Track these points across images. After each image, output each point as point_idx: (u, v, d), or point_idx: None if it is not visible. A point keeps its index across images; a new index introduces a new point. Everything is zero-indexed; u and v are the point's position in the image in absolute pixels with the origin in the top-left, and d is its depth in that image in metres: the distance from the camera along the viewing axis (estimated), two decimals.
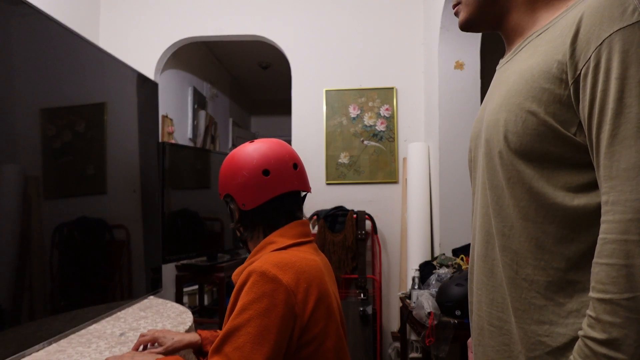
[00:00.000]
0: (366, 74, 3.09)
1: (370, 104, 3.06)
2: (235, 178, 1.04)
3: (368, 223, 2.96)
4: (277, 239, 1.02)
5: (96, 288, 1.64)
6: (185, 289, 3.53)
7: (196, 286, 3.68)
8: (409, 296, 2.30)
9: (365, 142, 3.05)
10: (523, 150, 0.68)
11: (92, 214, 1.63)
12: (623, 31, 0.59)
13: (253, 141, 1.09)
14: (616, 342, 0.56)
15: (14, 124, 1.25)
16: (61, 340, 1.35)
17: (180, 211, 2.69)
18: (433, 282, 2.14)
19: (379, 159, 3.04)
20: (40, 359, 1.20)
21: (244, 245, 1.12)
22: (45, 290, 1.36)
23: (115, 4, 3.21)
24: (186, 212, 2.74)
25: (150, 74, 3.13)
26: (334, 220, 2.88)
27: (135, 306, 1.80)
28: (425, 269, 2.33)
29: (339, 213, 2.89)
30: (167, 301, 1.90)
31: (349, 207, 2.95)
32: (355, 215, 2.86)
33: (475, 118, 0.86)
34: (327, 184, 3.06)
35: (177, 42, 3.23)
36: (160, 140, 2.86)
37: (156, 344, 1.13)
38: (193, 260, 2.82)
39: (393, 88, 3.06)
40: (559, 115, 0.65)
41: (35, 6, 1.33)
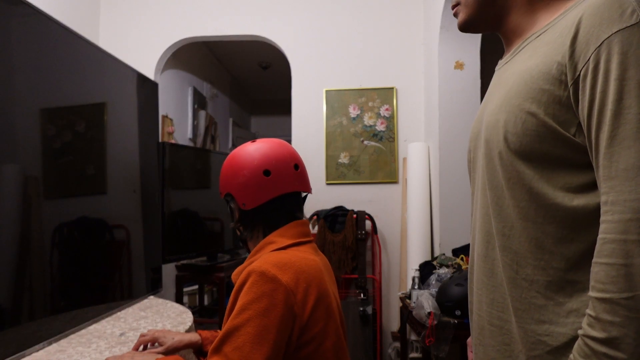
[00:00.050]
0: (366, 74, 3.09)
1: (370, 104, 3.06)
2: (236, 177, 1.04)
3: (368, 223, 2.96)
4: (277, 239, 1.02)
5: (96, 288, 1.64)
6: (185, 289, 3.53)
7: (196, 286, 3.68)
8: (409, 296, 2.31)
9: (365, 142, 3.05)
10: (523, 150, 0.68)
11: (92, 214, 1.63)
12: (622, 32, 0.59)
13: (255, 141, 1.09)
14: (616, 341, 0.56)
15: (14, 124, 1.25)
16: (61, 340, 1.35)
17: (180, 211, 2.69)
18: (433, 282, 2.15)
19: (379, 159, 3.04)
20: (40, 359, 1.20)
21: (243, 245, 1.12)
22: (45, 290, 1.36)
23: (115, 4, 3.21)
24: (186, 212, 2.74)
25: (150, 74, 3.13)
26: (334, 220, 2.88)
27: (135, 306, 1.80)
28: (425, 269, 2.33)
29: (339, 213, 2.89)
30: (167, 301, 1.90)
31: (349, 207, 2.95)
32: (355, 215, 2.86)
33: (475, 119, 0.86)
34: (327, 184, 3.07)
35: (177, 42, 3.24)
36: (160, 140, 2.86)
37: (156, 344, 1.13)
38: (193, 260, 2.83)
39: (393, 88, 3.06)
40: (558, 116, 0.65)
41: (35, 6, 1.33)
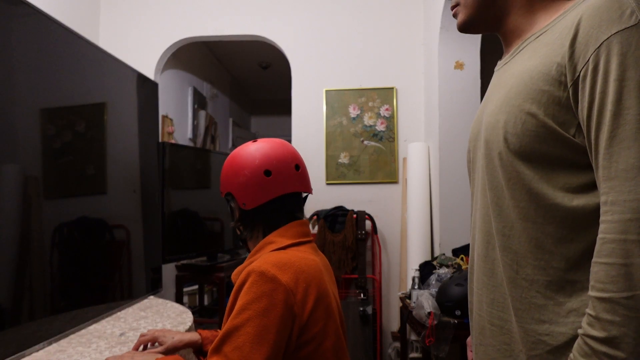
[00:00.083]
0: (366, 74, 3.09)
1: (370, 104, 3.06)
2: (236, 177, 1.04)
3: (368, 223, 2.96)
4: (277, 239, 1.02)
5: (96, 288, 1.64)
6: (185, 289, 3.53)
7: (196, 286, 3.68)
8: (409, 296, 2.31)
9: (365, 142, 3.05)
10: (523, 151, 0.68)
11: (92, 214, 1.63)
12: (621, 34, 0.60)
13: (256, 140, 1.09)
14: (615, 340, 0.56)
15: (14, 124, 1.25)
16: (61, 340, 1.35)
17: (180, 211, 2.69)
18: (433, 282, 2.15)
19: (379, 159, 3.04)
20: (40, 359, 1.20)
21: (243, 244, 1.12)
22: (45, 290, 1.36)
23: (115, 4, 3.21)
24: (186, 212, 2.75)
25: (150, 74, 3.13)
26: (334, 220, 2.88)
27: (135, 306, 1.80)
28: (425, 269, 2.33)
29: (339, 213, 2.89)
30: (167, 301, 1.90)
31: (349, 207, 2.95)
32: (355, 215, 2.86)
33: (474, 119, 0.87)
34: (327, 184, 3.07)
35: (177, 42, 3.24)
36: (160, 140, 2.86)
37: (156, 344, 1.13)
38: (193, 260, 2.83)
39: (393, 88, 3.06)
40: (558, 117, 0.65)
41: (35, 6, 1.33)
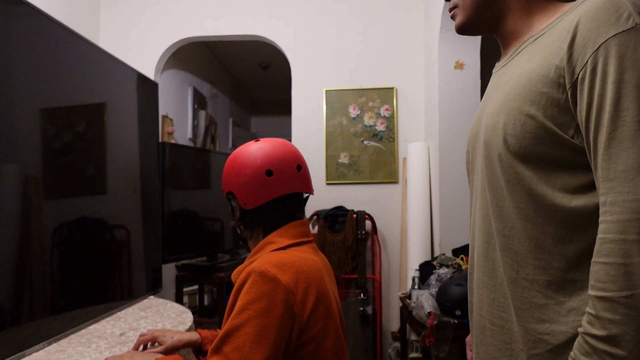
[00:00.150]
0: (366, 74, 3.09)
1: (370, 104, 3.06)
2: (238, 176, 1.04)
3: (368, 223, 2.96)
4: (277, 239, 1.02)
5: (96, 288, 1.64)
6: (185, 289, 3.53)
7: (196, 286, 3.68)
8: (409, 296, 2.31)
9: (365, 142, 3.05)
10: (522, 152, 0.69)
11: (92, 214, 1.63)
12: (619, 36, 0.60)
13: (258, 140, 1.09)
14: (616, 339, 0.57)
15: (14, 124, 1.25)
16: (61, 340, 1.35)
17: (180, 211, 2.69)
18: (433, 282, 2.15)
19: (379, 159, 3.04)
20: (40, 359, 1.20)
21: (243, 244, 1.12)
22: (45, 290, 1.36)
23: (115, 4, 3.21)
24: (186, 212, 2.74)
25: (150, 74, 3.13)
26: (334, 220, 2.88)
27: (135, 306, 1.80)
28: (425, 269, 2.33)
29: (339, 213, 2.89)
30: (167, 301, 1.90)
31: (349, 207, 2.95)
32: (355, 215, 2.86)
33: (473, 121, 0.87)
34: (327, 184, 3.07)
35: (177, 42, 3.24)
36: (160, 140, 2.86)
37: (156, 344, 1.13)
38: (193, 260, 2.83)
39: (393, 88, 3.06)
40: (557, 119, 0.66)
41: (35, 6, 1.33)
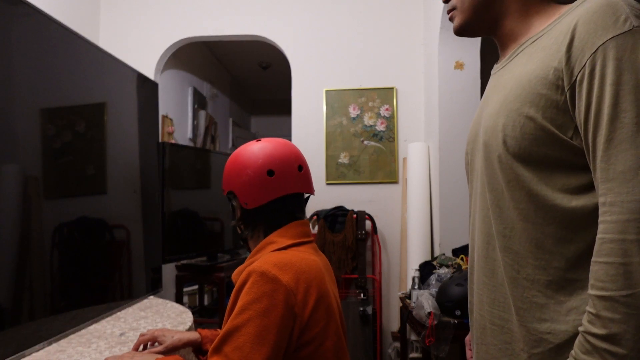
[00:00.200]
0: (366, 74, 3.09)
1: (370, 104, 3.06)
2: (239, 176, 1.04)
3: (368, 223, 2.96)
4: (277, 239, 1.02)
5: (96, 288, 1.64)
6: (185, 289, 3.53)
7: (196, 286, 3.68)
8: (409, 296, 2.31)
9: (365, 142, 3.05)
10: (522, 154, 0.70)
11: (92, 214, 1.63)
12: (616, 39, 0.61)
13: (259, 140, 1.08)
14: (616, 337, 0.57)
15: (14, 124, 1.25)
16: (61, 340, 1.35)
17: (180, 211, 2.69)
18: (433, 282, 2.15)
19: (379, 159, 3.04)
20: (40, 359, 1.20)
21: (244, 243, 1.12)
22: (45, 290, 1.36)
23: (115, 4, 3.21)
24: (186, 212, 2.74)
25: (150, 74, 3.13)
26: (334, 220, 2.88)
27: (135, 306, 1.80)
28: (425, 269, 2.33)
29: (339, 213, 2.89)
30: (167, 301, 1.90)
31: (349, 207, 2.95)
32: (355, 215, 2.86)
33: (472, 122, 0.88)
34: (327, 184, 3.07)
35: (177, 42, 3.24)
36: (160, 140, 2.86)
37: (156, 343, 1.13)
38: (193, 260, 2.83)
39: (393, 88, 3.06)
40: (555, 120, 0.67)
41: (35, 6, 1.33)
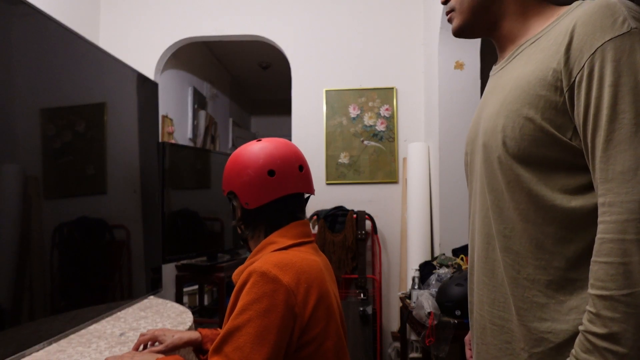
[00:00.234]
0: (366, 74, 3.09)
1: (370, 104, 3.06)
2: (240, 176, 1.04)
3: (368, 223, 2.96)
4: (278, 239, 1.02)
5: (96, 288, 1.64)
6: (185, 289, 3.53)
7: (196, 286, 3.68)
8: (409, 296, 2.31)
9: (365, 142, 3.05)
10: (521, 155, 0.70)
11: (92, 214, 1.63)
12: (614, 41, 0.62)
13: (260, 140, 1.08)
14: (616, 336, 0.58)
15: (14, 124, 1.25)
16: (61, 340, 1.35)
17: (180, 211, 2.69)
18: (433, 282, 2.15)
19: (379, 159, 3.04)
20: (40, 359, 1.20)
21: (244, 244, 1.12)
22: (45, 290, 1.36)
23: (115, 4, 3.21)
24: (186, 212, 2.74)
25: (150, 74, 3.13)
26: (334, 220, 2.88)
27: (135, 306, 1.80)
28: (425, 269, 2.33)
29: (339, 213, 2.89)
30: (167, 301, 1.90)
31: (349, 207, 2.95)
32: (355, 215, 2.86)
33: (471, 123, 0.88)
34: (327, 184, 3.06)
35: (177, 42, 3.23)
36: (160, 140, 2.86)
37: (156, 343, 1.13)
38: (193, 260, 2.82)
39: (393, 88, 3.06)
40: (555, 121, 0.67)
41: (35, 6, 1.33)
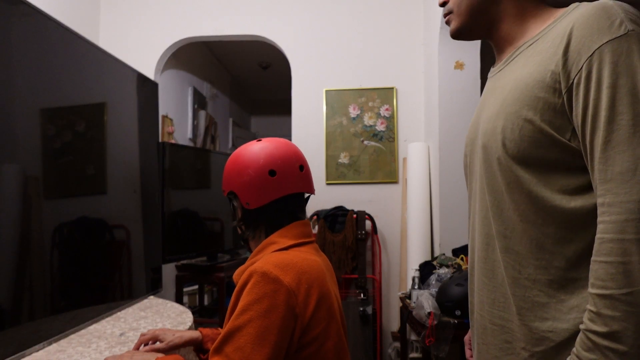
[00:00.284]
0: (366, 74, 3.09)
1: (370, 104, 3.06)
2: (240, 176, 1.03)
3: (368, 223, 2.96)
4: (279, 239, 1.02)
5: (96, 288, 1.64)
6: (185, 289, 3.53)
7: (196, 286, 3.68)
8: (409, 296, 2.31)
9: (365, 142, 3.05)
10: (521, 156, 0.71)
11: (92, 214, 1.63)
12: (612, 43, 0.62)
13: (260, 140, 1.08)
14: (617, 335, 0.58)
15: (14, 124, 1.25)
16: (61, 340, 1.35)
17: (180, 211, 2.69)
18: (433, 282, 2.15)
19: (379, 159, 3.04)
20: (40, 359, 1.20)
21: (244, 244, 1.11)
22: (45, 290, 1.36)
23: (115, 4, 3.21)
24: (186, 212, 2.74)
25: (150, 74, 3.13)
26: (334, 220, 2.88)
27: (135, 306, 1.80)
28: (425, 269, 2.33)
29: (339, 213, 2.89)
30: (167, 301, 1.90)
31: (349, 207, 2.95)
32: (355, 215, 2.86)
33: (470, 125, 0.89)
34: (327, 184, 3.06)
35: (177, 42, 3.23)
36: (160, 140, 2.86)
37: (157, 342, 1.12)
38: (193, 260, 2.82)
39: (393, 88, 3.06)
40: (554, 122, 0.68)
41: (35, 6, 1.33)
